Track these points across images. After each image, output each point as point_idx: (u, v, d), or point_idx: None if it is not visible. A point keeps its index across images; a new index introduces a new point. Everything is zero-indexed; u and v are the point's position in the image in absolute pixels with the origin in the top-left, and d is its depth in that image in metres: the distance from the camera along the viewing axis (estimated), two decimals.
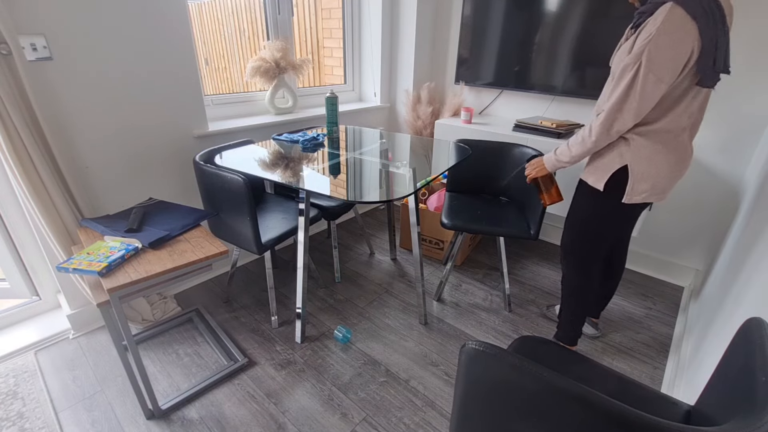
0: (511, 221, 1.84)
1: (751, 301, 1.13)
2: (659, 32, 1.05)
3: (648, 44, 1.07)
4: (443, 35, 2.73)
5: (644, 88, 1.11)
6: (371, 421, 1.40)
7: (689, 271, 2.20)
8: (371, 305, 1.99)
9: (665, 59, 1.07)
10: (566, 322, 1.60)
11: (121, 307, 1.17)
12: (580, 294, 1.53)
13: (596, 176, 1.33)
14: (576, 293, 1.54)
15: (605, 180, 1.30)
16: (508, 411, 0.72)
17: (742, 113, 1.84)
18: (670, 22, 1.04)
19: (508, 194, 2.12)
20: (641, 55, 1.09)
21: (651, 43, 1.07)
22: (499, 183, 2.11)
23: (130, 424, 1.37)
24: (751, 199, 1.65)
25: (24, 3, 1.31)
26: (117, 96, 1.60)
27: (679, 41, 1.05)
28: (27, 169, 1.35)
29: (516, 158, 2.01)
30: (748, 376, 0.67)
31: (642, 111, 1.15)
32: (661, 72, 1.08)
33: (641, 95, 1.12)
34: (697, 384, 1.27)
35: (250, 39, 2.47)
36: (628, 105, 1.15)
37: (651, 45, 1.07)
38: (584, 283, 1.51)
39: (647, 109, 1.15)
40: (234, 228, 1.64)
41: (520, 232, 1.76)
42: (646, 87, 1.11)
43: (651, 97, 1.12)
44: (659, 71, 1.08)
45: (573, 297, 1.55)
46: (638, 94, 1.12)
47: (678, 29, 1.04)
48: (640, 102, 1.13)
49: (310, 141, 1.95)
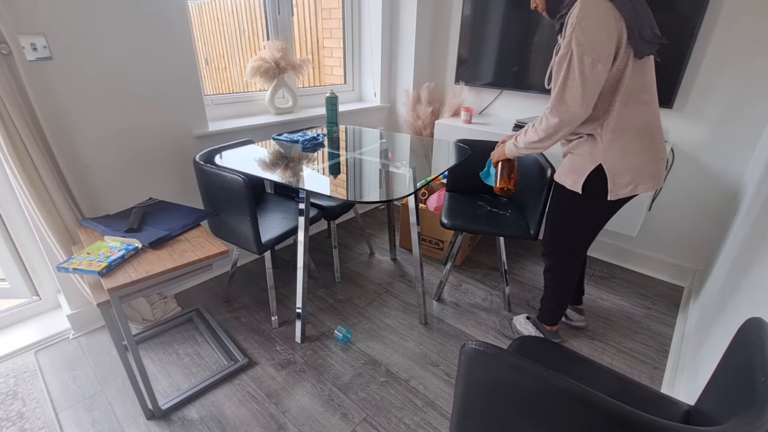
0: (511, 221, 1.85)
1: (751, 301, 1.13)
2: (580, 19, 1.09)
3: (573, 32, 1.10)
4: (443, 35, 2.73)
5: (582, 72, 1.11)
6: (371, 421, 1.40)
7: (689, 271, 2.20)
8: (371, 305, 1.99)
9: (595, 42, 1.09)
10: (549, 309, 1.66)
11: (121, 307, 1.17)
12: (564, 286, 1.58)
13: (572, 179, 1.33)
14: (561, 285, 1.58)
15: (581, 182, 1.30)
16: (508, 411, 0.72)
17: (742, 113, 1.84)
18: (587, 8, 1.08)
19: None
20: (570, 43, 1.11)
21: (576, 30, 1.09)
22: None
23: (130, 424, 1.37)
24: (750, 198, 1.65)
25: (24, 3, 1.31)
26: (117, 96, 1.60)
27: (602, 22, 1.08)
28: (27, 169, 1.35)
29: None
30: (747, 376, 0.67)
31: (588, 96, 1.14)
32: (594, 53, 1.10)
33: (582, 79, 1.12)
34: (697, 384, 1.27)
35: (250, 39, 2.47)
36: (569, 92, 1.15)
37: (576, 32, 1.09)
38: (568, 276, 1.55)
39: (593, 93, 1.14)
40: (234, 228, 1.64)
41: (519, 232, 1.76)
42: (584, 71, 1.11)
43: (593, 79, 1.12)
44: (593, 52, 1.10)
45: (558, 289, 1.59)
46: (578, 78, 1.12)
47: (596, 13, 1.08)
48: (583, 86, 1.12)
49: (310, 141, 1.95)
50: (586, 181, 1.29)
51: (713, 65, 1.85)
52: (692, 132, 1.99)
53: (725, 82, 1.84)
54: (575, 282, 1.58)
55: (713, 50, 1.84)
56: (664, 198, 2.17)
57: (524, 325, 1.76)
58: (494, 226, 1.80)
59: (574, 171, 1.32)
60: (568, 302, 1.64)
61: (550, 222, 1.51)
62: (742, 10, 1.73)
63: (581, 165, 1.29)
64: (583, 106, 1.15)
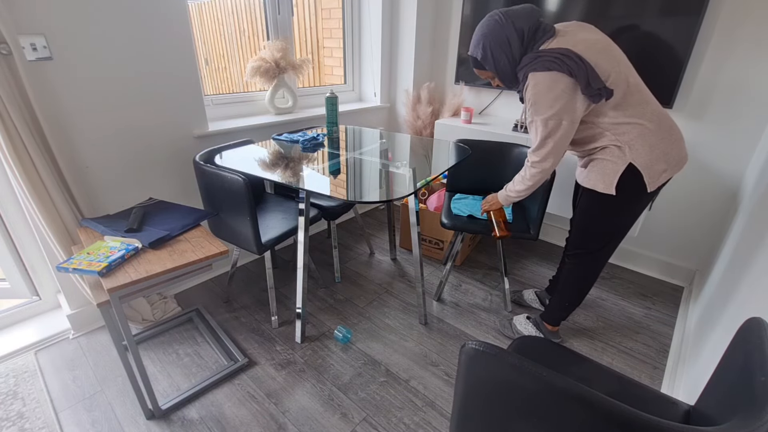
0: (511, 222, 1.84)
1: (751, 301, 1.13)
2: (534, 95, 1.26)
3: (533, 107, 1.28)
4: (443, 35, 2.73)
5: (549, 133, 1.29)
6: (371, 421, 1.40)
7: (689, 271, 2.20)
8: (371, 305, 1.99)
9: (553, 109, 1.24)
10: (559, 309, 1.67)
11: (121, 307, 1.17)
12: (586, 287, 1.59)
13: (605, 183, 1.35)
14: (583, 286, 1.59)
15: (615, 184, 1.33)
16: (508, 411, 0.72)
17: (742, 113, 1.84)
18: (537, 84, 1.24)
19: None
20: (533, 114, 1.29)
21: (534, 105, 1.27)
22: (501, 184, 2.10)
23: (130, 424, 1.37)
24: (750, 199, 1.65)
25: (24, 3, 1.31)
26: (117, 96, 1.60)
27: (553, 91, 1.22)
28: (27, 169, 1.35)
29: (516, 158, 2.01)
30: (747, 376, 0.67)
31: (560, 149, 1.32)
32: (558, 116, 1.25)
33: (552, 138, 1.30)
34: (697, 384, 1.27)
35: (250, 39, 2.47)
36: (544, 149, 1.33)
37: (535, 106, 1.27)
38: (592, 277, 1.57)
39: (563, 145, 1.31)
40: (234, 228, 1.64)
41: (520, 232, 1.76)
42: (549, 130, 1.28)
43: (561, 135, 1.28)
44: (555, 116, 1.25)
45: (579, 290, 1.60)
46: (548, 138, 1.30)
47: (546, 85, 1.23)
48: (554, 143, 1.30)
49: (310, 141, 1.95)
50: (619, 181, 1.32)
51: (713, 66, 1.85)
52: (692, 132, 1.99)
53: (725, 83, 1.84)
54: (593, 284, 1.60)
55: (713, 51, 1.84)
56: (664, 198, 2.17)
57: (524, 324, 1.77)
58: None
59: (605, 174, 1.34)
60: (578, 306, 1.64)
61: (581, 225, 1.51)
62: (742, 11, 1.73)
63: (612, 168, 1.33)
64: (556, 156, 1.34)
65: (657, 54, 1.91)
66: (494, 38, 1.29)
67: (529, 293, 1.99)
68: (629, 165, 1.29)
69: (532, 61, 1.25)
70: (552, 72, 1.21)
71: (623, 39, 1.98)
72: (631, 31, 1.95)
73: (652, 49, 1.92)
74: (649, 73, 1.91)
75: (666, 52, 1.88)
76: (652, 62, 1.93)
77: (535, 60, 1.24)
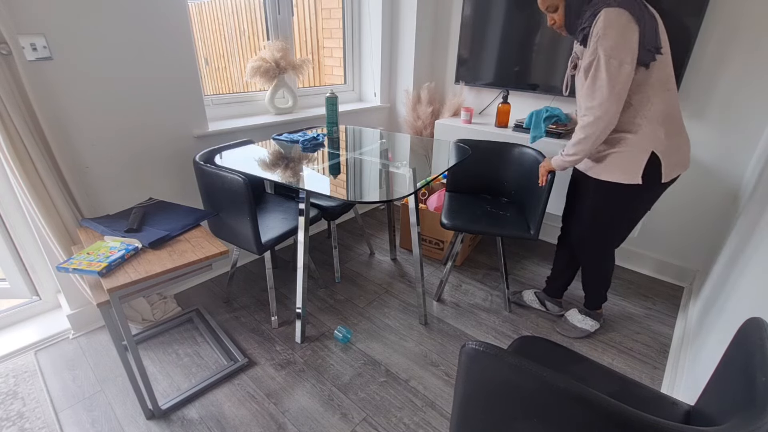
0: (512, 222, 1.84)
1: (751, 301, 1.13)
2: (604, 28, 1.21)
3: (599, 41, 1.23)
4: (443, 35, 2.73)
5: (610, 73, 1.23)
6: (371, 421, 1.40)
7: (689, 271, 2.20)
8: (371, 305, 1.99)
9: (619, 46, 1.21)
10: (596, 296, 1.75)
11: (121, 307, 1.17)
12: (608, 275, 1.67)
13: (627, 174, 1.37)
14: (605, 276, 1.67)
15: (640, 173, 1.35)
16: (508, 411, 0.72)
17: (743, 114, 1.84)
18: (610, 18, 1.20)
19: (508, 194, 2.11)
20: (596, 50, 1.24)
21: (601, 39, 1.22)
22: (501, 183, 2.11)
23: (130, 424, 1.37)
24: (750, 199, 1.65)
25: (24, 3, 1.31)
26: (117, 96, 1.60)
27: (624, 29, 1.21)
28: (27, 169, 1.35)
29: (516, 158, 2.01)
30: (748, 376, 0.67)
31: (617, 94, 1.25)
32: (620, 56, 1.22)
33: (610, 80, 1.24)
34: (697, 384, 1.27)
35: (250, 39, 2.47)
36: (599, 93, 1.27)
37: (602, 40, 1.22)
38: (611, 262, 1.64)
39: (622, 92, 1.26)
40: (234, 228, 1.64)
41: (520, 232, 1.76)
42: (612, 72, 1.23)
43: (620, 79, 1.24)
44: (618, 56, 1.22)
45: (603, 279, 1.68)
46: (606, 79, 1.24)
47: (618, 22, 1.20)
48: (612, 86, 1.24)
49: (310, 141, 1.95)
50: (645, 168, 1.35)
51: (713, 66, 1.85)
52: (693, 132, 1.99)
53: (725, 83, 1.84)
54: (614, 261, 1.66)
55: (713, 51, 1.83)
56: (664, 198, 2.16)
57: (582, 321, 1.80)
58: (494, 226, 1.80)
59: (625, 165, 1.37)
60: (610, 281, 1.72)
61: (593, 219, 1.54)
62: (742, 11, 1.73)
63: (633, 158, 1.35)
64: (615, 104, 1.26)
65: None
66: None
67: (529, 294, 1.99)
68: (651, 154, 1.32)
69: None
70: (625, 11, 1.20)
71: None
72: None
73: None
74: None
75: None
76: None
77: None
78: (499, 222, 1.83)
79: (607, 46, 1.21)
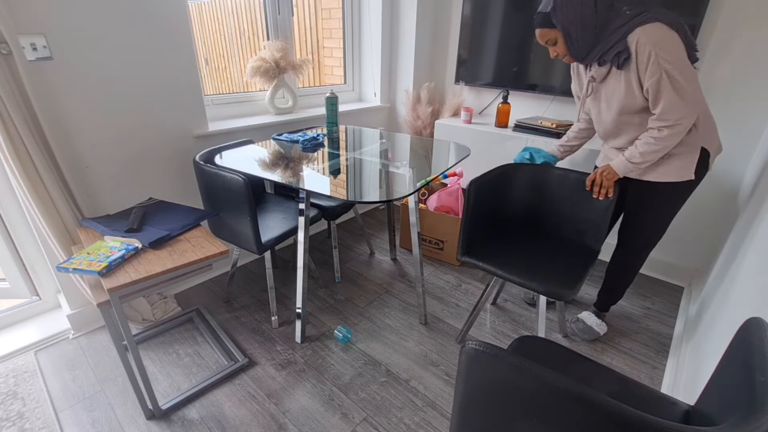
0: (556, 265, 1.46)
1: (751, 301, 1.13)
2: (654, 44, 1.20)
3: (657, 57, 1.21)
4: (443, 35, 2.73)
5: (686, 79, 1.22)
6: (372, 421, 1.40)
7: (689, 271, 2.20)
8: (371, 305, 1.99)
9: (677, 54, 1.21)
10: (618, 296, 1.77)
11: (121, 307, 1.17)
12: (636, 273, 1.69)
13: (681, 172, 1.40)
14: (635, 273, 1.69)
15: (693, 168, 1.38)
16: (509, 411, 0.72)
17: (743, 114, 1.84)
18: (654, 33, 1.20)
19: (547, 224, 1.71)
20: (659, 68, 1.21)
21: (659, 55, 1.20)
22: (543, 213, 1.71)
23: (130, 424, 1.37)
24: (750, 198, 1.65)
25: (24, 3, 1.31)
26: (117, 95, 1.60)
27: (671, 38, 1.21)
28: (27, 169, 1.35)
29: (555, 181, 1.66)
30: (747, 376, 0.67)
31: (696, 93, 1.25)
32: (683, 63, 1.22)
33: (687, 83, 1.22)
34: (697, 384, 1.27)
35: (250, 39, 2.47)
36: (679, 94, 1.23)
37: (660, 55, 1.20)
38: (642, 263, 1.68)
39: (698, 90, 1.26)
40: (234, 228, 1.64)
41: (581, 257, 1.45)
42: (686, 78, 1.22)
43: (694, 80, 1.24)
44: (681, 64, 1.21)
45: (632, 275, 1.69)
46: (684, 83, 1.22)
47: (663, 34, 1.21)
48: (689, 88, 1.22)
49: (310, 141, 1.95)
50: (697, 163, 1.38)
51: (713, 67, 1.85)
52: None
53: (725, 83, 1.84)
54: None
55: (713, 52, 1.84)
56: None
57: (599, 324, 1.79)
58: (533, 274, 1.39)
59: (681, 165, 1.39)
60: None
61: (650, 224, 1.54)
62: (741, 12, 1.73)
63: (686, 156, 1.38)
64: (696, 102, 1.25)
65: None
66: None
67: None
68: (701, 149, 1.36)
69: (633, 18, 1.22)
70: (661, 23, 1.21)
71: None
72: None
73: None
74: None
75: None
76: None
77: (637, 16, 1.22)
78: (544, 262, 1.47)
79: (669, 59, 1.20)
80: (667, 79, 1.21)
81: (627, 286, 1.73)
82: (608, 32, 1.27)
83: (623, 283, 1.72)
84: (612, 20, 1.27)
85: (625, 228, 1.61)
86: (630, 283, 1.72)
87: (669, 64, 1.20)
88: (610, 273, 1.73)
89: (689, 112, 1.24)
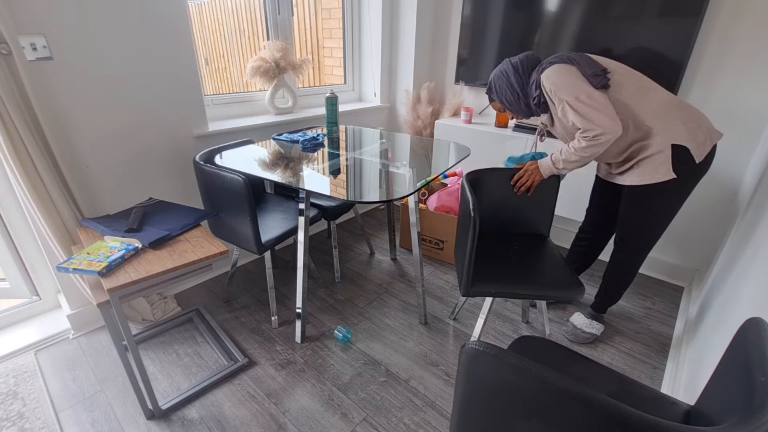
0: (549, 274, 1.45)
1: (751, 301, 1.13)
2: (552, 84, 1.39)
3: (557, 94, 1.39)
4: (443, 35, 2.73)
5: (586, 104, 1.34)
6: (371, 421, 1.40)
7: (689, 271, 2.20)
8: (371, 305, 1.99)
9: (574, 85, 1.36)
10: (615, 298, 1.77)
11: (121, 307, 1.17)
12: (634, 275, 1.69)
13: (661, 172, 1.41)
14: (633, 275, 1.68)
15: (670, 167, 1.39)
16: (509, 411, 0.72)
17: (743, 114, 1.84)
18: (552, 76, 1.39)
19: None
20: (561, 101, 1.38)
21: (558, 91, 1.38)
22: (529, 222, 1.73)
23: (130, 424, 1.37)
24: (750, 199, 1.65)
25: (24, 3, 1.31)
26: (117, 95, 1.60)
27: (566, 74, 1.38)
28: (27, 169, 1.35)
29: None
30: (747, 376, 0.67)
31: (607, 112, 1.34)
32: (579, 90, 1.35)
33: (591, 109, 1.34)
34: (697, 384, 1.27)
35: (250, 39, 2.47)
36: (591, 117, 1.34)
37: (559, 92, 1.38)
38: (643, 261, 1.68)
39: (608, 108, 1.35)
40: (234, 228, 1.64)
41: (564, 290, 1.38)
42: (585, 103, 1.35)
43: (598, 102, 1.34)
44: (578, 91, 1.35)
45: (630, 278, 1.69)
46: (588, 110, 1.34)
47: (558, 74, 1.38)
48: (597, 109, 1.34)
49: (310, 141, 1.95)
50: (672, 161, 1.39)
51: (712, 67, 1.85)
52: None
53: (725, 84, 1.84)
54: None
55: (712, 52, 1.84)
56: None
57: (590, 325, 1.79)
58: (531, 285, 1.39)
59: (652, 166, 1.42)
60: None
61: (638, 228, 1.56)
62: (740, 13, 1.73)
63: (656, 158, 1.41)
64: (613, 121, 1.33)
65: (656, 55, 1.91)
66: (496, 74, 1.56)
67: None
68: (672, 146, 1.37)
69: (539, 71, 1.44)
70: (556, 65, 1.40)
71: (622, 41, 1.98)
72: (630, 32, 1.95)
73: (652, 50, 1.92)
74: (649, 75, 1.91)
75: (665, 53, 1.88)
76: (652, 63, 1.93)
77: (540, 68, 1.44)
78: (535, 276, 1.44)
79: (565, 91, 1.36)
80: (569, 107, 1.37)
81: (624, 288, 1.73)
82: (530, 89, 1.49)
83: (620, 284, 1.72)
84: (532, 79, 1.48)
85: (620, 230, 1.62)
86: (627, 285, 1.71)
87: (567, 95, 1.36)
88: (608, 274, 1.73)
89: (605, 129, 1.33)
